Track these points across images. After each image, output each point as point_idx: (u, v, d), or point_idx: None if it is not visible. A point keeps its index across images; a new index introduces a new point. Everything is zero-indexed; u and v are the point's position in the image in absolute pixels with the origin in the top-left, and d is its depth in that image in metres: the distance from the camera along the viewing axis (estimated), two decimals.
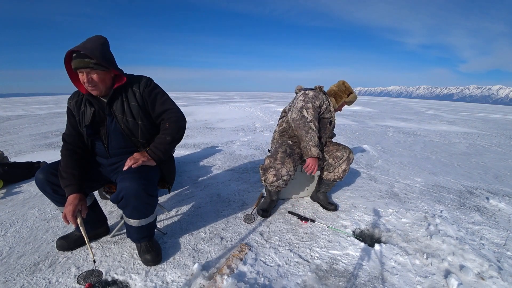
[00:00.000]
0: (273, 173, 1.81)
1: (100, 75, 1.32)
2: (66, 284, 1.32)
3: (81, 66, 1.27)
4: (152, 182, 1.40)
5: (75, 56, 1.27)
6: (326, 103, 2.07)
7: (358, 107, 14.18)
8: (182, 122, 1.52)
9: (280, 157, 1.84)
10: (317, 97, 2.00)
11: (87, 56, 1.26)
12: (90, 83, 1.31)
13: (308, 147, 1.84)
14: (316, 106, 1.97)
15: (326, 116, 2.08)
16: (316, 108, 1.97)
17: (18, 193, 2.41)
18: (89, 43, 1.30)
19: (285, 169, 1.80)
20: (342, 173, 2.01)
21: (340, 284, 1.35)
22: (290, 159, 1.84)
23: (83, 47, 1.27)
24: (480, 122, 9.56)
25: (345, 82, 2.16)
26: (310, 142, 1.84)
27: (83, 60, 1.26)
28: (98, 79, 1.32)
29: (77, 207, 1.28)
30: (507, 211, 2.22)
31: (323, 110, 2.05)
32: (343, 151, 2.01)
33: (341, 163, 1.99)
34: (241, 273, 1.39)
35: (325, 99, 2.07)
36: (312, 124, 1.89)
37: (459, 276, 1.40)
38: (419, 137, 5.63)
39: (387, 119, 9.07)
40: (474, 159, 4.00)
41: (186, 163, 3.34)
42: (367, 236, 1.83)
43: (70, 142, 1.45)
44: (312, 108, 1.94)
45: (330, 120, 2.11)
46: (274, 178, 1.81)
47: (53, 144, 4.50)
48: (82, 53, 1.25)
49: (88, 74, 1.29)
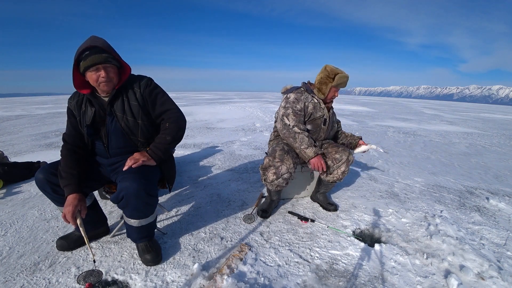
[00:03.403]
0: (273, 171, 1.80)
1: (115, 69, 1.34)
2: (66, 284, 1.32)
3: (99, 61, 1.25)
4: (152, 182, 1.40)
5: (88, 53, 1.25)
6: (313, 102, 1.98)
7: (358, 107, 14.18)
8: (182, 122, 1.53)
9: (278, 155, 1.83)
10: (298, 99, 1.96)
11: (104, 51, 1.26)
12: (107, 78, 1.30)
13: (302, 152, 1.84)
14: (298, 109, 1.94)
15: (318, 115, 1.99)
16: (297, 112, 1.94)
17: (18, 193, 2.41)
18: (97, 39, 1.29)
19: (284, 167, 1.80)
20: (341, 174, 1.96)
21: (340, 284, 1.35)
22: (288, 155, 1.83)
23: (94, 43, 1.26)
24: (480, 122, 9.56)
25: (327, 65, 1.97)
26: (301, 146, 1.84)
27: (101, 55, 1.26)
28: (113, 74, 1.34)
29: (77, 207, 1.28)
30: (507, 211, 2.22)
31: (311, 110, 1.97)
32: (342, 153, 1.94)
33: (340, 165, 1.93)
34: (241, 273, 1.39)
35: (310, 97, 1.99)
36: (296, 129, 1.88)
37: (459, 276, 1.40)
38: (419, 137, 5.63)
39: (387, 119, 9.07)
40: (474, 159, 4.00)
41: (186, 163, 3.34)
42: (367, 236, 1.83)
43: (70, 142, 1.45)
44: (292, 113, 1.92)
45: (324, 119, 2.02)
46: (274, 177, 1.80)
47: (53, 144, 4.50)
48: (99, 47, 1.24)
49: (105, 69, 1.29)
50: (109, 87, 1.35)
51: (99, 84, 1.32)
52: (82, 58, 1.26)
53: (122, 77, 1.41)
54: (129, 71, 1.42)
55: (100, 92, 1.40)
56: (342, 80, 1.96)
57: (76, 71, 1.32)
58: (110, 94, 1.39)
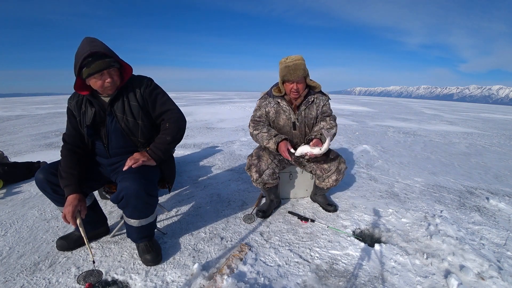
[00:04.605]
0: (254, 170, 1.84)
1: (117, 71, 1.34)
2: (66, 284, 1.32)
3: (104, 66, 1.25)
4: (152, 182, 1.40)
5: (91, 60, 1.23)
6: (274, 106, 1.91)
7: (358, 107, 14.18)
8: (182, 123, 1.53)
9: (255, 153, 1.89)
10: (260, 106, 1.97)
11: (106, 55, 1.25)
12: (112, 82, 1.31)
13: (268, 146, 1.83)
14: (257, 116, 1.97)
15: (281, 119, 1.91)
16: (256, 119, 1.97)
17: (18, 193, 2.41)
18: (95, 43, 1.27)
19: (263, 163, 1.83)
20: (333, 182, 1.90)
21: (340, 284, 1.35)
22: (264, 152, 1.87)
23: (94, 49, 1.23)
24: (480, 122, 9.55)
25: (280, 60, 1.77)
26: (264, 143, 1.84)
27: (104, 61, 1.24)
28: (117, 76, 1.34)
29: (77, 207, 1.28)
30: (507, 211, 2.22)
31: (272, 115, 1.92)
32: (330, 164, 1.87)
33: (330, 175, 1.88)
34: (241, 273, 1.39)
35: (272, 102, 1.92)
36: (254, 132, 1.91)
37: (459, 276, 1.40)
38: (419, 137, 5.63)
39: (387, 119, 9.07)
40: (474, 159, 4.00)
41: (186, 163, 3.34)
42: (367, 236, 1.83)
43: (70, 142, 1.45)
44: (251, 120, 1.98)
45: (292, 123, 1.89)
46: (257, 175, 1.83)
47: (53, 144, 4.50)
48: (101, 52, 1.23)
49: (110, 73, 1.29)
50: (114, 89, 1.37)
51: (105, 88, 1.33)
52: (85, 65, 1.24)
53: (124, 76, 1.41)
54: (130, 71, 1.42)
55: (103, 93, 1.39)
56: (285, 71, 1.71)
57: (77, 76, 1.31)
58: (112, 94, 1.39)
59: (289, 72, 1.69)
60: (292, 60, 1.69)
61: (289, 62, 1.69)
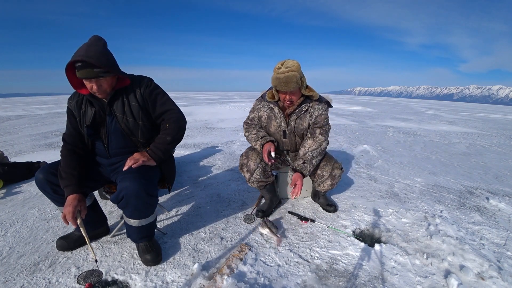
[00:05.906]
0: (245, 169, 1.88)
1: (108, 81, 1.32)
2: (66, 284, 1.32)
3: (90, 76, 1.23)
4: (152, 182, 1.40)
5: (80, 66, 1.21)
6: (267, 111, 1.89)
7: (358, 107, 14.18)
8: (182, 123, 1.53)
9: (245, 153, 1.92)
10: (254, 108, 1.98)
11: (94, 66, 1.22)
12: (99, 89, 1.30)
13: (256, 148, 1.87)
14: (250, 118, 2.00)
15: (273, 125, 1.89)
16: (248, 121, 2.00)
17: (18, 193, 2.41)
18: (92, 49, 1.23)
19: (252, 162, 1.85)
20: (329, 186, 1.92)
21: (340, 284, 1.35)
22: (253, 151, 1.89)
23: (86, 55, 1.19)
24: (480, 122, 9.55)
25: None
26: (252, 144, 1.89)
27: (91, 70, 1.22)
28: (106, 85, 1.32)
29: (77, 207, 1.27)
30: (507, 211, 2.22)
31: (265, 120, 1.91)
32: (323, 169, 1.87)
33: (324, 181, 1.90)
34: (241, 273, 1.39)
35: (267, 106, 1.89)
36: (246, 133, 1.96)
37: (459, 276, 1.40)
38: (419, 137, 5.63)
39: (387, 119, 9.07)
40: (474, 159, 4.00)
41: (186, 163, 3.34)
42: (367, 236, 1.83)
43: (70, 142, 1.45)
44: (245, 122, 2.02)
45: (283, 131, 1.87)
46: (249, 174, 1.87)
47: (53, 144, 4.50)
48: (89, 62, 1.20)
49: (97, 82, 1.27)
50: (103, 95, 1.36)
51: (94, 93, 1.33)
52: (76, 68, 1.24)
53: (120, 83, 1.40)
54: (127, 83, 1.41)
55: None
56: (276, 82, 1.61)
57: (73, 74, 1.30)
58: (108, 96, 1.39)
59: (280, 84, 1.60)
60: (284, 72, 1.56)
61: (281, 74, 1.56)
